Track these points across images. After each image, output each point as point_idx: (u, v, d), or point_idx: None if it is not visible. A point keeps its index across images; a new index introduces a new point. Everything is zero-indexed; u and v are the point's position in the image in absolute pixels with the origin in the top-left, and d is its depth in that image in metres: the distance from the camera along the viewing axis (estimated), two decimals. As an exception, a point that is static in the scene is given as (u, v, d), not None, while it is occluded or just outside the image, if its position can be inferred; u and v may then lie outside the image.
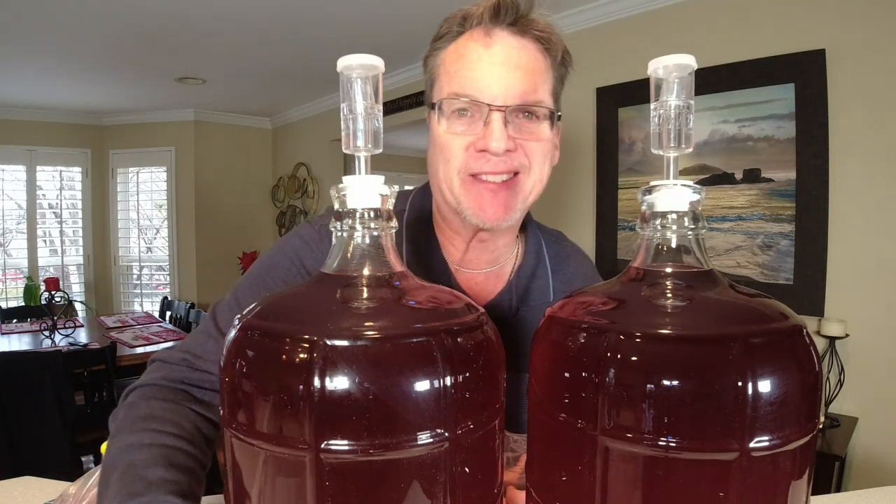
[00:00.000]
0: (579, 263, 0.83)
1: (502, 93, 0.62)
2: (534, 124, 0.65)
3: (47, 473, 0.85)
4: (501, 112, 0.62)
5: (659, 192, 0.38)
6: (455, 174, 0.65)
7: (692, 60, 0.37)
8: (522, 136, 0.64)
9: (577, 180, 2.57)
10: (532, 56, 0.64)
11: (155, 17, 2.52)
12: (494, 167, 0.64)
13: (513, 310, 0.74)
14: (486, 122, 0.63)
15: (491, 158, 0.63)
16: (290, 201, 4.63)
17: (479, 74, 0.63)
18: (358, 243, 0.39)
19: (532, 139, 0.65)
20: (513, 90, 0.62)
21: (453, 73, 0.65)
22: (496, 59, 0.63)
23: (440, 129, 0.66)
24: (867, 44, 1.77)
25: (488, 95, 0.62)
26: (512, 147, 0.63)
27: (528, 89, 0.63)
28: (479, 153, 0.64)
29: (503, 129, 0.62)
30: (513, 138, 0.63)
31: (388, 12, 2.51)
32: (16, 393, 2.16)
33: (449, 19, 0.68)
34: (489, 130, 0.62)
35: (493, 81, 0.62)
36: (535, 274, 0.77)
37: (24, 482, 0.77)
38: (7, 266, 4.33)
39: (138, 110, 4.38)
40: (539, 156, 0.66)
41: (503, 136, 0.62)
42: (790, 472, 0.34)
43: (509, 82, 0.62)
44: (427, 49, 0.71)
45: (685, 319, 0.36)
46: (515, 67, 0.63)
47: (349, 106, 0.39)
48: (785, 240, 1.95)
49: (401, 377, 0.33)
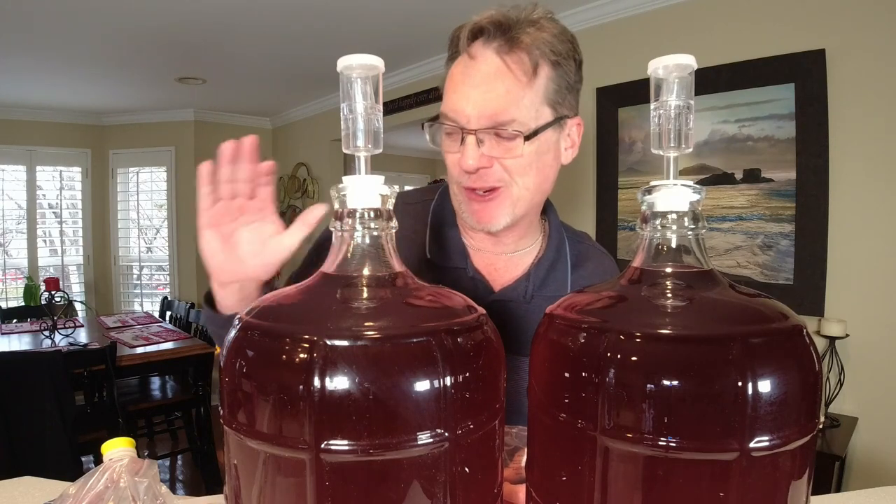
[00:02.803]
0: (599, 262, 0.87)
1: (475, 115, 0.66)
2: (506, 142, 0.68)
3: (47, 473, 0.85)
4: (472, 134, 0.67)
5: (659, 192, 0.38)
6: (454, 184, 0.73)
7: (692, 60, 0.37)
8: (499, 154, 0.68)
9: (577, 180, 2.57)
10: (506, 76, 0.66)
11: (155, 17, 2.52)
12: (474, 183, 0.70)
13: (528, 296, 0.78)
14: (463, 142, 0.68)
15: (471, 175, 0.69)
16: (290, 201, 4.63)
17: (457, 97, 0.68)
18: (358, 243, 0.39)
19: (508, 156, 0.68)
20: (485, 111, 0.66)
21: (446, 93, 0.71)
22: (474, 82, 0.67)
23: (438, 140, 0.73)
24: (867, 44, 1.77)
25: (463, 117, 0.67)
26: (486, 164, 0.68)
27: (497, 110, 0.66)
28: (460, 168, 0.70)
29: (476, 148, 0.67)
30: (486, 156, 0.68)
31: (389, 12, 2.51)
32: (16, 393, 2.16)
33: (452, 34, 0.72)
34: (464, 150, 0.68)
35: (467, 104, 0.67)
36: (555, 267, 0.81)
37: (24, 482, 0.77)
38: (7, 266, 4.32)
39: (138, 110, 4.38)
40: (518, 169, 0.69)
41: (475, 155, 0.67)
42: (790, 472, 0.34)
43: (480, 105, 0.66)
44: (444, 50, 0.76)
45: (685, 319, 0.36)
46: (487, 90, 0.66)
47: (349, 106, 0.39)
48: (785, 240, 1.95)
49: (401, 377, 0.33)
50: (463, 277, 0.78)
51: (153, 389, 3.14)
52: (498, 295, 0.78)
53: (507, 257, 0.81)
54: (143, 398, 2.97)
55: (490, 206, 0.71)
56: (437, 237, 0.80)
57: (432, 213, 0.82)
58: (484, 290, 0.78)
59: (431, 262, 0.79)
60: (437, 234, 0.80)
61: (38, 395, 2.19)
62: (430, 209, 0.82)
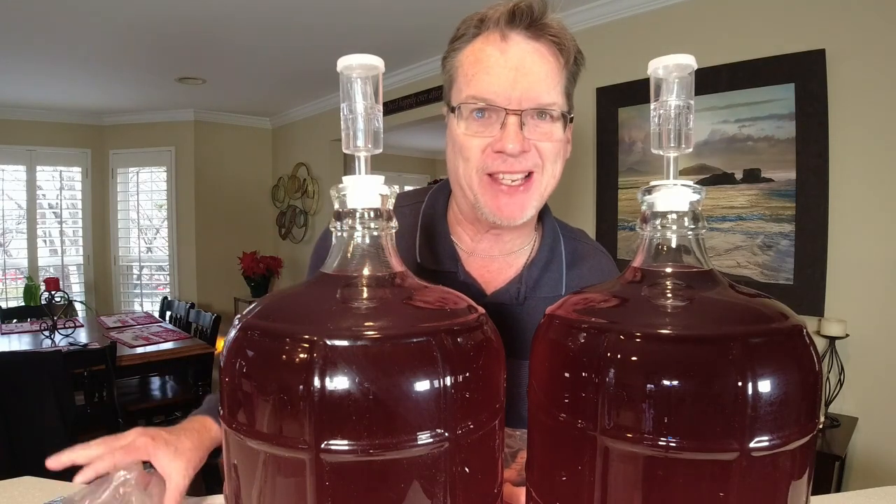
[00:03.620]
0: (596, 261, 0.84)
1: (518, 96, 0.65)
2: (547, 125, 0.67)
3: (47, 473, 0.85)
4: (517, 115, 0.65)
5: (659, 192, 0.38)
6: (474, 173, 0.68)
7: (692, 60, 0.37)
8: (536, 137, 0.67)
9: (578, 180, 2.57)
10: (545, 59, 0.66)
11: (155, 17, 2.52)
12: (510, 167, 0.67)
13: (521, 298, 0.76)
14: (503, 124, 0.65)
15: (507, 159, 0.66)
16: (290, 201, 4.63)
17: (495, 78, 0.65)
18: (358, 243, 0.39)
19: (546, 139, 0.67)
20: (528, 93, 0.65)
21: (471, 75, 0.67)
22: (511, 64, 0.65)
23: (459, 130, 0.68)
24: (867, 44, 1.77)
25: (504, 99, 0.65)
26: (527, 148, 0.66)
27: (541, 92, 0.65)
28: (496, 154, 0.66)
29: (519, 131, 0.65)
30: (527, 139, 0.66)
31: (389, 12, 2.51)
32: (16, 393, 2.16)
33: (466, 21, 0.70)
34: (506, 133, 0.65)
35: (509, 85, 0.64)
36: (549, 267, 0.79)
37: (24, 482, 0.77)
38: (7, 266, 4.32)
39: (138, 110, 4.38)
40: (552, 155, 0.68)
41: (519, 138, 0.65)
42: (790, 472, 0.34)
43: (524, 86, 0.64)
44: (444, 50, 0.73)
45: (685, 319, 0.36)
46: (529, 72, 0.65)
47: (349, 106, 0.39)
48: (785, 240, 1.95)
49: (401, 377, 0.33)
50: (454, 282, 0.75)
51: (153, 389, 3.14)
52: (490, 298, 0.76)
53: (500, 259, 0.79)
54: (143, 398, 2.97)
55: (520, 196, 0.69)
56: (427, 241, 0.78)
57: (422, 217, 0.80)
58: (476, 293, 0.76)
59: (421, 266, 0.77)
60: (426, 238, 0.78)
61: (38, 395, 2.18)
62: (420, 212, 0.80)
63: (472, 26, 0.69)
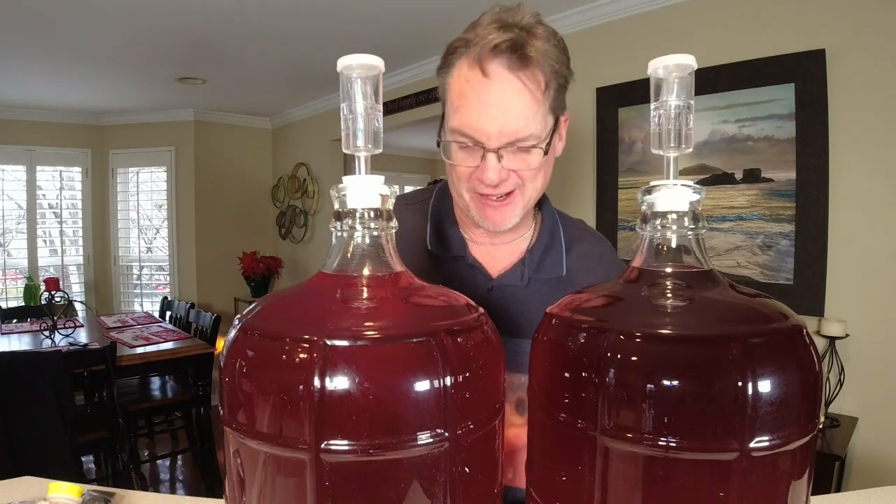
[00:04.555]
0: (594, 244, 0.90)
1: (496, 133, 0.69)
2: (524, 155, 0.72)
3: (47, 473, 0.85)
4: (494, 153, 0.70)
5: (659, 192, 0.38)
6: (465, 191, 0.76)
7: (692, 60, 0.37)
8: (515, 166, 0.72)
9: (577, 180, 2.57)
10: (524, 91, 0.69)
11: (155, 17, 2.52)
12: (492, 192, 0.74)
13: (525, 280, 0.82)
14: (483, 157, 0.71)
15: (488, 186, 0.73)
16: (290, 201, 4.63)
17: (475, 115, 0.69)
18: (358, 243, 0.39)
19: (524, 168, 0.73)
20: (506, 129, 0.69)
21: (456, 107, 0.72)
22: (491, 100, 0.69)
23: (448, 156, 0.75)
24: (867, 44, 1.77)
25: (484, 136, 0.70)
26: (504, 177, 0.72)
27: (518, 128, 0.69)
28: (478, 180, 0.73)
29: (496, 164, 0.70)
30: (504, 169, 0.71)
31: (389, 12, 2.51)
32: (16, 393, 2.16)
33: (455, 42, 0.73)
34: (484, 166, 0.71)
35: (488, 123, 0.69)
36: (550, 251, 0.85)
37: (24, 482, 0.77)
38: (7, 266, 4.32)
39: (138, 110, 4.38)
40: (530, 175, 0.74)
41: (496, 170, 0.71)
42: (790, 472, 0.34)
43: (502, 124, 0.69)
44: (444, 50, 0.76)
45: (685, 319, 0.36)
46: (507, 107, 0.69)
47: (349, 106, 0.39)
48: (785, 240, 1.95)
49: (401, 377, 0.33)
50: (462, 265, 0.83)
51: (153, 389, 3.14)
52: (496, 280, 0.83)
53: (502, 246, 0.85)
54: (143, 398, 2.97)
55: (505, 209, 0.76)
56: (438, 231, 0.85)
57: (431, 210, 0.87)
58: (483, 276, 0.83)
59: (433, 253, 0.84)
60: (437, 229, 0.86)
61: (38, 395, 2.18)
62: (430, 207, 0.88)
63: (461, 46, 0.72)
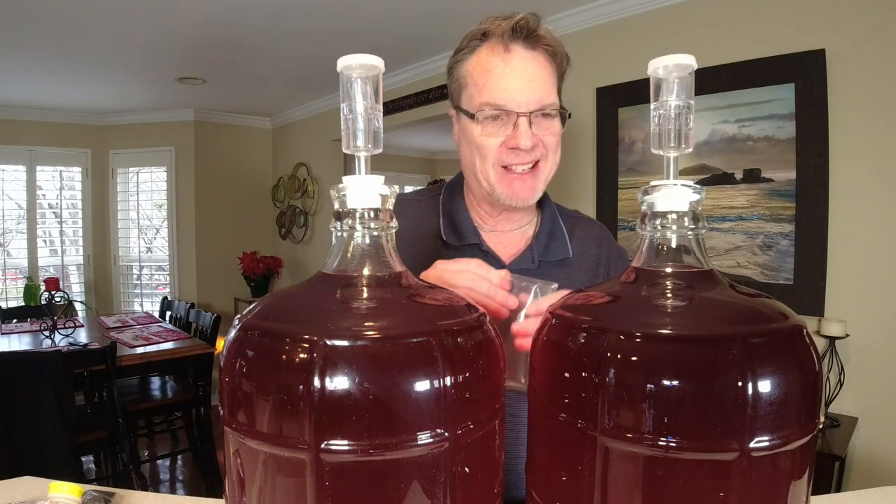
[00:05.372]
0: (592, 228, 0.98)
1: (525, 101, 0.77)
2: (549, 122, 0.80)
3: (47, 473, 0.85)
4: (526, 117, 0.77)
5: (659, 192, 0.38)
6: (490, 168, 0.81)
7: (692, 60, 0.37)
8: (542, 133, 0.80)
9: (578, 180, 2.57)
10: (543, 66, 0.79)
11: (155, 17, 2.52)
12: (522, 160, 0.80)
13: (536, 263, 0.89)
14: (515, 125, 0.78)
15: (520, 153, 0.79)
16: (290, 201, 4.62)
17: (504, 86, 0.77)
18: (358, 243, 0.39)
19: (549, 134, 0.81)
20: (532, 97, 0.77)
21: (482, 85, 0.79)
22: (516, 73, 0.77)
23: (476, 132, 0.80)
24: (867, 44, 1.77)
25: (514, 104, 0.77)
26: (535, 142, 0.79)
27: (543, 95, 0.78)
28: (510, 150, 0.79)
29: (528, 129, 0.77)
30: (535, 135, 0.78)
31: (389, 12, 2.51)
32: (16, 393, 2.16)
33: (469, 35, 0.82)
34: (518, 132, 0.77)
35: (517, 92, 0.77)
36: (553, 236, 0.92)
37: (24, 482, 0.77)
38: (7, 266, 4.32)
39: (138, 110, 4.38)
40: (553, 145, 0.82)
41: (529, 135, 0.77)
42: (790, 472, 0.34)
43: (529, 92, 0.77)
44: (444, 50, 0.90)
45: (685, 319, 0.36)
46: (532, 79, 0.78)
47: (349, 106, 0.39)
48: (785, 240, 1.95)
49: (401, 377, 0.33)
50: (477, 252, 0.88)
51: (153, 389, 3.14)
52: (510, 265, 0.88)
53: (513, 234, 0.93)
54: (143, 398, 2.97)
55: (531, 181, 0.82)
56: (451, 222, 0.91)
57: (442, 204, 0.94)
58: (496, 262, 0.88)
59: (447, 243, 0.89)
60: (449, 220, 0.92)
61: (38, 395, 2.18)
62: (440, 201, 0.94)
63: (475, 38, 0.81)
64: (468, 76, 0.81)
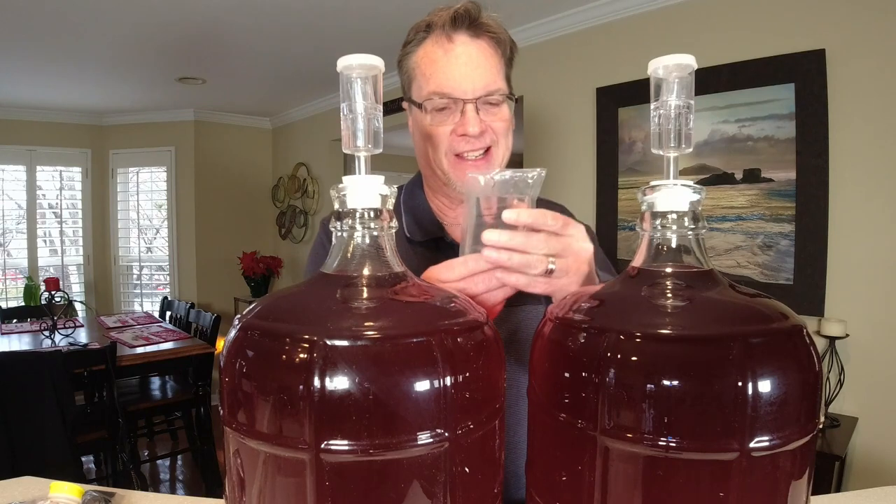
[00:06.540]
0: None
1: (471, 87, 0.78)
2: (496, 108, 0.81)
3: (47, 473, 0.85)
4: (472, 103, 0.78)
5: (659, 192, 0.38)
6: (443, 156, 0.81)
7: (692, 60, 0.37)
8: (490, 119, 0.80)
9: (577, 180, 2.57)
10: (487, 53, 0.80)
11: (155, 17, 2.52)
12: (472, 146, 0.80)
13: None
14: (462, 112, 0.78)
15: (470, 139, 0.79)
16: (290, 201, 4.63)
17: (449, 75, 0.78)
18: (358, 243, 0.39)
19: (497, 119, 0.81)
20: (478, 84, 0.78)
21: (429, 75, 0.80)
22: (461, 61, 0.79)
23: (426, 122, 0.81)
24: (867, 44, 1.77)
25: (460, 91, 0.78)
26: (484, 128, 0.79)
27: (488, 81, 0.79)
28: (460, 137, 0.79)
29: (476, 115, 0.78)
30: (483, 121, 0.79)
31: (389, 12, 2.50)
32: (16, 393, 2.16)
33: (414, 27, 0.84)
34: (465, 119, 0.78)
35: (462, 80, 0.78)
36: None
37: (24, 482, 0.77)
38: (7, 266, 4.32)
39: (138, 110, 4.38)
40: (503, 131, 0.82)
41: (476, 121, 0.78)
42: (790, 473, 0.34)
43: (475, 78, 0.78)
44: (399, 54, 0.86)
45: (685, 319, 0.36)
46: (476, 66, 0.79)
47: (349, 106, 0.39)
48: (785, 240, 1.95)
49: (401, 377, 0.33)
50: (441, 244, 0.89)
51: (153, 389, 3.14)
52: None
53: None
54: (143, 398, 2.97)
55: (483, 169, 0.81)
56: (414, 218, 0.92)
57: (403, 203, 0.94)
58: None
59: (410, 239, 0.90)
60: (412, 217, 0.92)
61: (38, 395, 2.18)
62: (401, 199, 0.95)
63: (420, 31, 0.82)
64: (416, 68, 0.83)
